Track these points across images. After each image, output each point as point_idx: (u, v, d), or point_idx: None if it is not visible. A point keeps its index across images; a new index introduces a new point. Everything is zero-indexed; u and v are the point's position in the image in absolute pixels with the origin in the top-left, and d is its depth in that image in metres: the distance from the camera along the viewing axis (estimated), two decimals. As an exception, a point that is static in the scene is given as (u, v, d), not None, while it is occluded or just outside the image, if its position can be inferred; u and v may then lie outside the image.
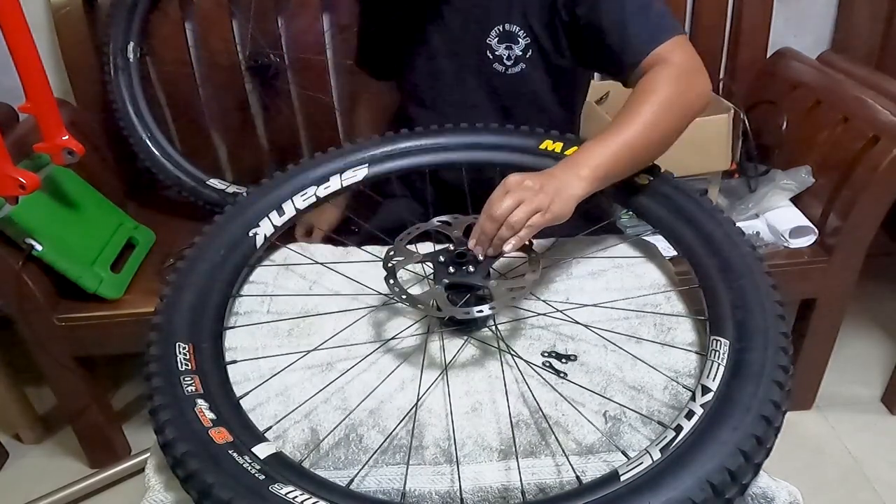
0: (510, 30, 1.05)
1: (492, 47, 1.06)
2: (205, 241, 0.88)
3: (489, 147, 1.03)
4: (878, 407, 1.64)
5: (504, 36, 1.05)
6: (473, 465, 0.69)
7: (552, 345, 0.82)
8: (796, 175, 1.43)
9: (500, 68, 1.08)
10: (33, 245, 1.24)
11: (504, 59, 1.07)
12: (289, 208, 0.94)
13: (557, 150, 1.00)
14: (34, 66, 1.14)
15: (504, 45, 1.06)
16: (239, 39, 1.64)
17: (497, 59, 1.07)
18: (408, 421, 0.72)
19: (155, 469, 0.74)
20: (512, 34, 1.05)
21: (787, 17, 1.73)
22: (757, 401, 0.64)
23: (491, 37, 1.06)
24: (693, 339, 0.81)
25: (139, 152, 1.56)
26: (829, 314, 1.46)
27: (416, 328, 0.84)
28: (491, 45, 1.06)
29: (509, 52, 1.06)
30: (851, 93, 1.43)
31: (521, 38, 1.05)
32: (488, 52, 1.07)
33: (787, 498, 0.69)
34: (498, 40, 1.06)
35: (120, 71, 1.54)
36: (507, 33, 1.05)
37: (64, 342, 1.34)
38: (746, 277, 0.77)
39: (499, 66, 1.08)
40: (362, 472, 0.68)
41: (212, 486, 0.59)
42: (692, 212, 0.87)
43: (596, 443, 0.70)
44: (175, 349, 0.73)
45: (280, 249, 0.98)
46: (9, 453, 1.61)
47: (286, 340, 0.84)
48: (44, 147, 1.22)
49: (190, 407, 0.67)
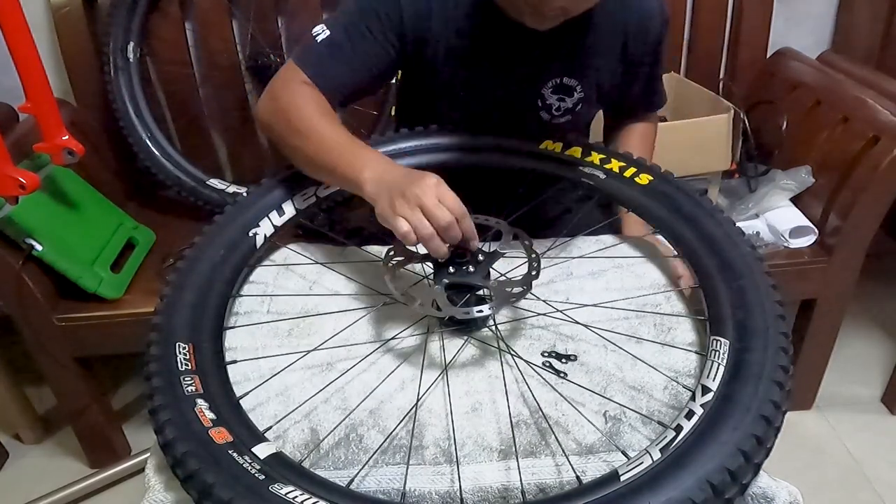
0: (567, 83, 1.03)
1: (544, 97, 1.04)
2: (205, 241, 0.88)
3: (490, 149, 1.03)
4: (878, 407, 1.64)
5: (558, 88, 1.03)
6: (473, 465, 0.69)
7: (552, 345, 0.82)
8: (796, 175, 1.43)
9: (546, 117, 1.06)
10: (33, 245, 1.24)
11: (553, 108, 1.05)
12: (289, 208, 0.94)
13: (557, 150, 1.00)
14: (34, 66, 1.15)
15: (557, 96, 1.04)
16: (239, 39, 1.64)
17: (546, 108, 1.05)
18: (408, 421, 0.72)
19: (155, 469, 0.74)
20: (568, 87, 1.03)
21: (787, 17, 1.73)
22: (757, 401, 0.64)
23: (547, 87, 1.04)
24: (693, 338, 0.81)
25: (139, 152, 1.56)
26: (829, 314, 1.46)
27: (415, 328, 0.84)
28: (544, 94, 1.04)
29: (561, 103, 1.05)
30: (851, 93, 1.43)
31: (576, 91, 1.04)
32: (539, 101, 1.05)
33: (787, 498, 0.69)
34: (552, 91, 1.04)
35: (120, 71, 1.55)
36: (563, 86, 1.03)
37: (64, 342, 1.34)
38: (746, 277, 0.76)
39: (545, 114, 1.06)
40: (362, 472, 0.68)
41: (212, 486, 0.59)
42: (692, 211, 0.87)
43: (596, 443, 0.70)
44: (175, 349, 0.73)
45: (280, 249, 0.98)
46: (9, 453, 1.61)
47: (286, 340, 0.84)
48: (44, 147, 1.23)
49: (190, 407, 0.67)
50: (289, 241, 1.00)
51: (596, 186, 0.96)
